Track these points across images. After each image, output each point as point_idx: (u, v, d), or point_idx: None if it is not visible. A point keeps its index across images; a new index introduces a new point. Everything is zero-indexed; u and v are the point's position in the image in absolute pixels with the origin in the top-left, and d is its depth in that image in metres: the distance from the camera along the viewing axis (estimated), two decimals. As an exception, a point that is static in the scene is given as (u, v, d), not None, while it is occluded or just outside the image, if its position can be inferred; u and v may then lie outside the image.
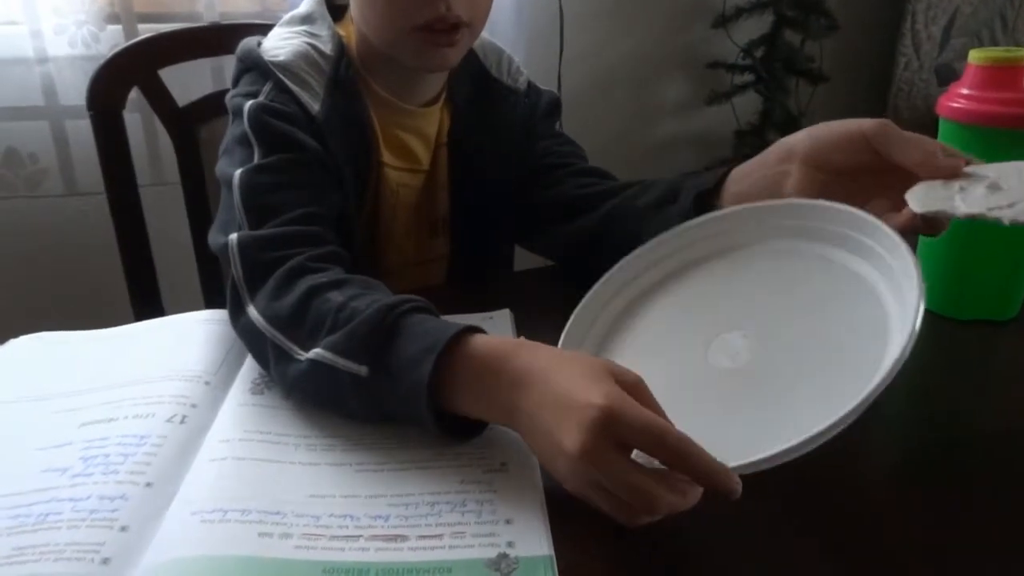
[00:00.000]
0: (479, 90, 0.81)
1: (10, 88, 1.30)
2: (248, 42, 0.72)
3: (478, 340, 0.48)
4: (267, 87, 0.68)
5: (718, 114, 1.85)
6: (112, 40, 1.31)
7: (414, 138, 0.78)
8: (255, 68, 0.70)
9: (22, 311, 1.46)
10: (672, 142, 1.94)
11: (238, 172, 0.63)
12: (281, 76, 0.68)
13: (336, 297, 0.52)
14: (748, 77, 1.80)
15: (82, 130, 1.05)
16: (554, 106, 0.87)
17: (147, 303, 0.96)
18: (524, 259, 0.92)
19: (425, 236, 0.83)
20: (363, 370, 0.49)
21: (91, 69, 0.94)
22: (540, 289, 0.79)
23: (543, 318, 0.71)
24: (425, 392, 0.46)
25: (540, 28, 1.63)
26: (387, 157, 0.77)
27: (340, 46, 0.72)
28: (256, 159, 0.64)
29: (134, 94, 0.96)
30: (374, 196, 0.77)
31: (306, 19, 0.74)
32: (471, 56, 0.80)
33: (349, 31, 0.75)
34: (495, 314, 0.69)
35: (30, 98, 1.31)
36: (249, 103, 0.66)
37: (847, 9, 1.82)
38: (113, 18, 1.33)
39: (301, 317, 0.52)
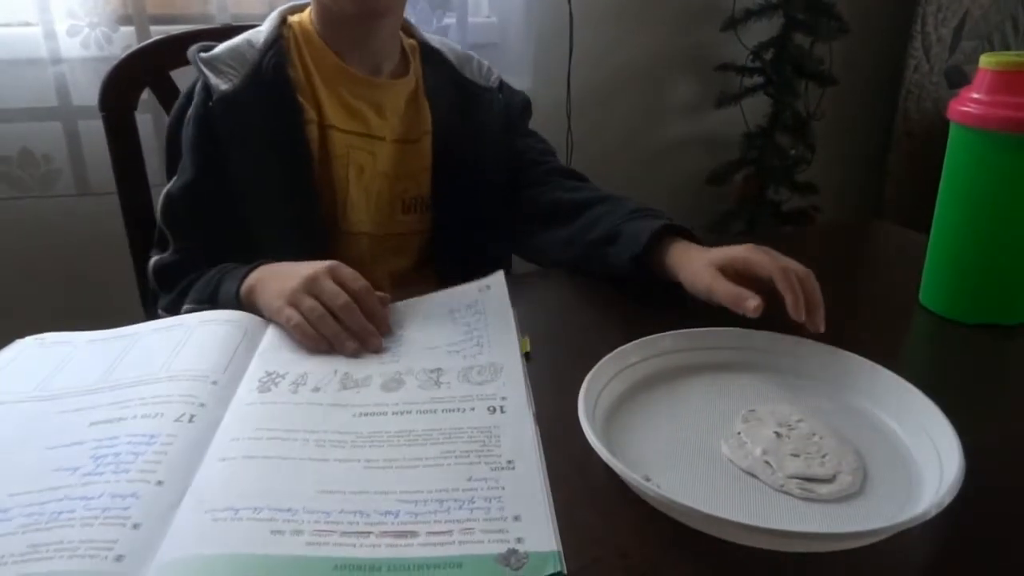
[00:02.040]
0: (457, 92, 0.90)
1: (24, 89, 1.31)
2: (194, 46, 0.84)
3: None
4: (198, 80, 0.83)
5: (727, 116, 1.85)
6: (125, 41, 1.32)
7: (364, 105, 0.85)
8: (194, 66, 0.83)
9: (34, 309, 1.47)
10: (681, 144, 1.93)
11: (164, 190, 0.83)
12: (202, 67, 0.81)
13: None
14: (757, 79, 1.79)
15: (94, 130, 1.06)
16: (527, 105, 0.96)
17: (157, 302, 0.96)
18: (521, 262, 0.95)
19: (398, 210, 0.89)
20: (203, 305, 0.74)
21: (104, 70, 0.95)
22: (540, 292, 0.80)
23: (545, 318, 0.71)
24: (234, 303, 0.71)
25: (550, 29, 1.63)
26: (333, 118, 0.84)
27: (273, 40, 0.83)
28: (177, 175, 0.83)
29: (146, 95, 0.97)
30: (325, 157, 0.84)
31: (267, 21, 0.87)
32: (444, 61, 0.91)
33: (303, 18, 0.87)
34: (490, 281, 0.72)
35: (44, 99, 1.32)
36: (170, 117, 0.86)
37: (857, 11, 1.82)
38: (126, 20, 1.33)
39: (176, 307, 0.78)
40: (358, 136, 0.85)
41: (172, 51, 0.96)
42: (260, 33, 0.85)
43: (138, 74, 0.95)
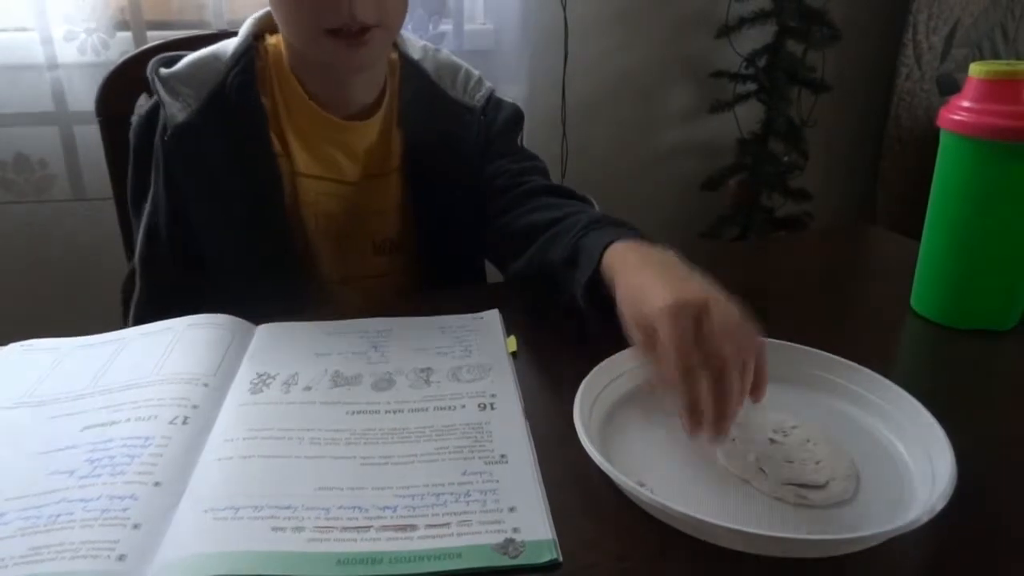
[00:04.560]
0: (433, 111, 0.81)
1: (20, 94, 1.31)
2: (155, 57, 0.77)
3: None
4: (153, 100, 0.75)
5: (721, 122, 1.86)
6: (122, 47, 1.32)
7: (334, 148, 0.78)
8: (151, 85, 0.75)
9: (29, 314, 1.46)
10: (676, 150, 1.94)
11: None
12: (159, 89, 0.73)
13: None
14: (751, 86, 1.80)
15: (90, 135, 1.06)
16: (515, 121, 0.85)
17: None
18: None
19: (368, 253, 0.82)
20: None
21: (100, 75, 0.95)
22: (525, 296, 0.79)
23: (530, 319, 0.71)
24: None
25: (545, 38, 1.64)
26: (303, 165, 0.77)
27: (239, 56, 0.75)
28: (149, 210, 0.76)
29: (142, 100, 0.97)
30: (293, 204, 0.77)
31: (240, 31, 0.79)
32: (423, 77, 0.81)
33: (280, 42, 0.78)
34: (485, 314, 0.70)
35: (40, 104, 1.32)
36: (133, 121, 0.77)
37: (849, 19, 1.83)
38: (123, 25, 1.33)
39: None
40: (329, 182, 0.78)
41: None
42: (228, 46, 0.76)
43: (135, 79, 0.95)
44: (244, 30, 0.78)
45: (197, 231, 0.75)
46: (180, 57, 0.76)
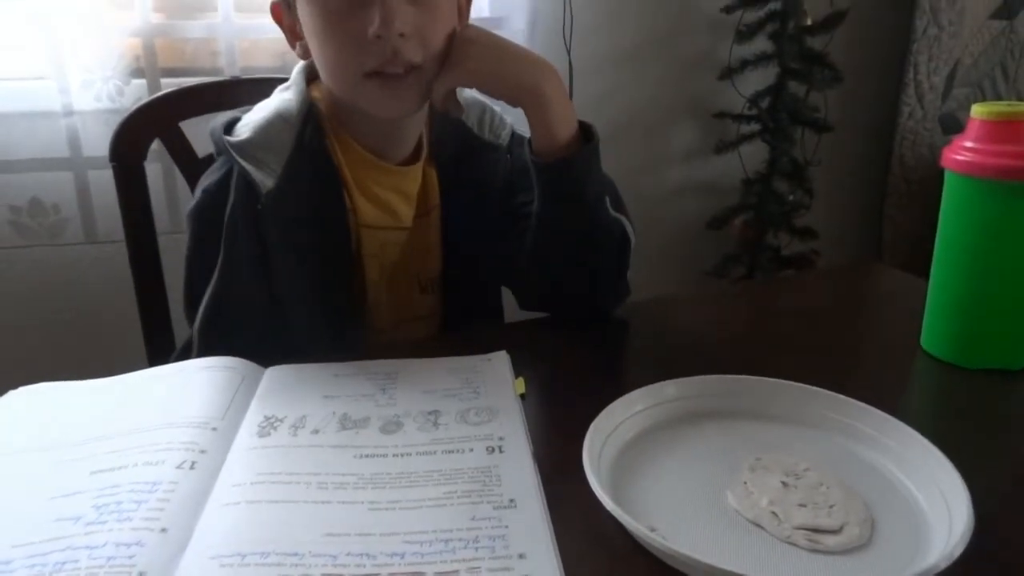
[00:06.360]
0: (463, 150, 0.82)
1: (37, 140, 1.33)
2: (215, 125, 0.75)
3: None
4: (234, 170, 0.71)
5: (726, 162, 1.87)
6: (136, 94, 1.35)
7: (394, 195, 0.79)
8: (223, 151, 0.73)
9: (41, 357, 1.47)
10: (681, 190, 1.96)
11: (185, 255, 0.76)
12: (237, 157, 0.70)
13: None
14: (754, 127, 1.83)
15: (104, 180, 1.08)
16: None
17: (162, 350, 0.97)
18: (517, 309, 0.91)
19: (416, 294, 0.83)
20: None
21: (115, 121, 0.97)
22: (533, 337, 0.79)
23: (538, 363, 0.71)
24: None
25: (550, 80, 1.67)
26: (366, 217, 0.77)
27: (307, 112, 0.73)
28: (187, 245, 0.75)
29: (155, 145, 0.99)
30: (358, 256, 0.78)
31: (287, 88, 0.77)
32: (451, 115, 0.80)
33: (323, 90, 0.77)
34: (492, 356, 0.70)
35: (55, 150, 1.34)
36: (195, 198, 0.75)
37: (850, 60, 1.86)
38: (138, 73, 1.37)
39: None
40: (391, 231, 0.79)
41: (182, 102, 0.99)
42: (289, 103, 0.74)
43: (149, 125, 0.98)
44: (299, 84, 0.76)
45: (280, 290, 0.73)
46: (235, 119, 0.75)
